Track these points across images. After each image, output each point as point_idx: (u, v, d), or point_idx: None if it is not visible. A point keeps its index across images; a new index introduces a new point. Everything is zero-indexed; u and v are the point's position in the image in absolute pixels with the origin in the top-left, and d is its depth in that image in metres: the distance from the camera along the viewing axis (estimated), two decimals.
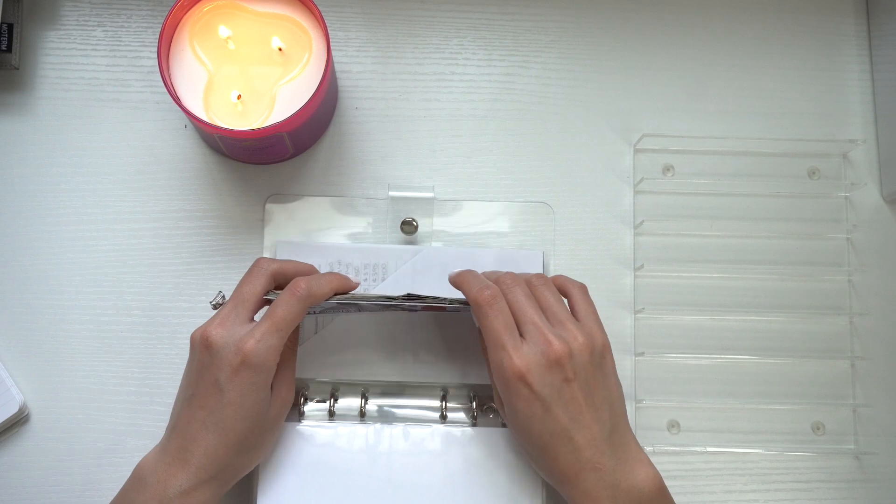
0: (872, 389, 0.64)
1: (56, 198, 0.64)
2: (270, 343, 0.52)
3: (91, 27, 0.67)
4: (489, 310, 0.53)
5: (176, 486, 0.50)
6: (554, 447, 0.51)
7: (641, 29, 0.69)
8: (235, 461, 0.52)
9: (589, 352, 0.52)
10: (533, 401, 0.51)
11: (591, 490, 0.51)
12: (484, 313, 0.53)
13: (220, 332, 0.52)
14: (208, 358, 0.52)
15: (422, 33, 0.68)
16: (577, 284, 0.57)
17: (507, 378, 0.51)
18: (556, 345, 0.51)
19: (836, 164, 0.67)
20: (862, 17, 0.70)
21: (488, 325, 0.52)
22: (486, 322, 0.53)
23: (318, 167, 0.65)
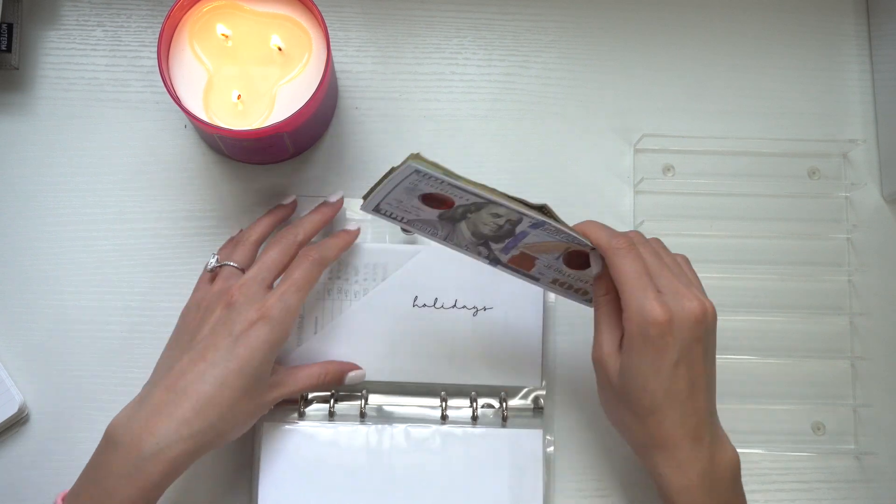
0: (872, 389, 0.64)
1: (56, 198, 0.64)
2: (290, 301, 0.53)
3: (91, 27, 0.67)
4: (628, 253, 0.51)
5: (152, 442, 0.49)
6: (664, 409, 0.50)
7: (641, 29, 0.69)
8: (217, 424, 0.51)
9: (713, 319, 0.51)
10: (665, 353, 0.49)
11: (685, 461, 0.50)
12: (622, 256, 0.51)
13: (243, 292, 0.54)
14: (226, 315, 0.53)
15: (422, 33, 0.68)
16: (682, 257, 0.56)
17: (647, 323, 0.49)
18: (695, 302, 0.50)
19: (836, 164, 0.67)
20: (862, 17, 0.70)
21: (627, 269, 0.51)
22: (624, 266, 0.51)
23: (318, 167, 0.65)
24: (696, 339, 0.50)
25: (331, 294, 0.62)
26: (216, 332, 0.53)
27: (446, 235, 0.54)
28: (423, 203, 0.52)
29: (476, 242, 0.54)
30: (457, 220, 0.53)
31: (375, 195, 0.51)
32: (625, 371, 0.51)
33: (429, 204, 0.52)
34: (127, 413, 0.51)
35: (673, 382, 0.50)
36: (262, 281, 0.55)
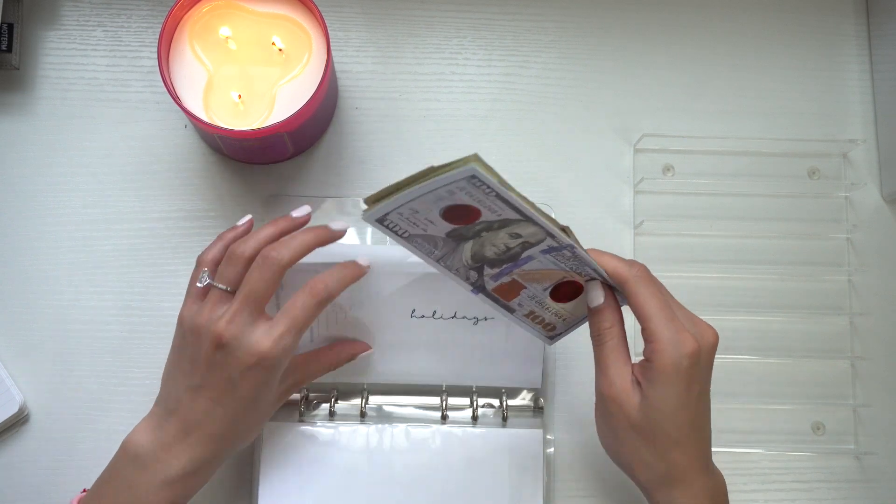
0: (872, 389, 0.64)
1: (56, 198, 0.64)
2: (286, 344, 0.51)
3: (91, 27, 0.67)
4: (650, 282, 0.50)
5: (178, 467, 0.51)
6: (690, 439, 0.49)
7: (641, 29, 0.69)
8: (233, 444, 0.53)
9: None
10: (693, 383, 0.49)
11: (700, 491, 0.50)
12: (646, 285, 0.50)
13: (232, 331, 0.50)
14: (221, 357, 0.50)
15: (422, 33, 0.68)
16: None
17: (682, 355, 0.48)
18: (710, 330, 0.50)
19: (836, 164, 0.67)
20: (862, 17, 0.70)
21: (652, 298, 0.49)
22: (649, 296, 0.49)
23: (318, 167, 0.65)
24: (711, 365, 0.50)
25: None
26: (213, 371, 0.51)
27: (442, 255, 0.50)
28: (443, 216, 0.47)
29: (470, 266, 0.51)
30: (466, 238, 0.49)
31: (391, 202, 0.45)
32: (650, 404, 0.49)
33: (448, 218, 0.47)
34: (148, 436, 0.52)
35: (697, 412, 0.50)
36: (252, 314, 0.51)
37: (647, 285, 0.50)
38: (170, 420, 0.52)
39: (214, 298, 0.52)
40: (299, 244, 0.52)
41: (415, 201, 0.45)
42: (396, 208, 0.45)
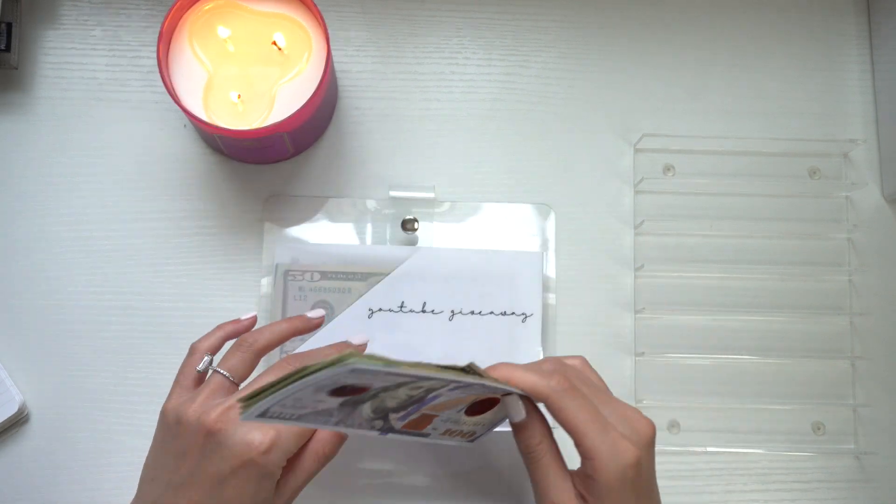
0: (873, 389, 0.64)
1: (55, 197, 0.64)
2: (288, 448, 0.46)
3: (90, 26, 0.66)
4: (575, 393, 0.45)
5: None
6: None
7: (642, 29, 0.69)
8: None
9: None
10: (641, 487, 0.45)
11: None
12: (570, 398, 0.45)
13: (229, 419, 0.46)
14: (211, 449, 0.46)
15: (422, 33, 0.68)
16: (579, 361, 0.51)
17: (625, 467, 0.44)
18: (645, 421, 0.46)
19: (837, 164, 0.67)
20: (862, 16, 0.70)
21: (579, 412, 0.45)
22: (574, 408, 0.45)
23: (318, 167, 0.65)
24: (653, 458, 0.47)
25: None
26: (201, 466, 0.46)
27: (339, 420, 0.45)
28: (331, 395, 0.42)
29: (374, 418, 0.46)
30: (363, 401, 0.44)
31: (266, 401, 0.40)
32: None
33: (338, 394, 0.43)
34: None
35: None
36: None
37: (571, 397, 0.45)
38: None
39: (213, 386, 0.48)
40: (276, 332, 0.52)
41: (293, 395, 0.41)
42: (275, 403, 0.41)
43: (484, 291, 0.62)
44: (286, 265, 0.62)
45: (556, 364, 0.48)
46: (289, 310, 0.61)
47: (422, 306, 0.61)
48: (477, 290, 0.62)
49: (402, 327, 0.61)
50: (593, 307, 0.64)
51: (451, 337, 0.61)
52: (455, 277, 0.62)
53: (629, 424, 0.46)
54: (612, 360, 0.64)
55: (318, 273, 0.62)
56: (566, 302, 0.64)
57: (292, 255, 0.62)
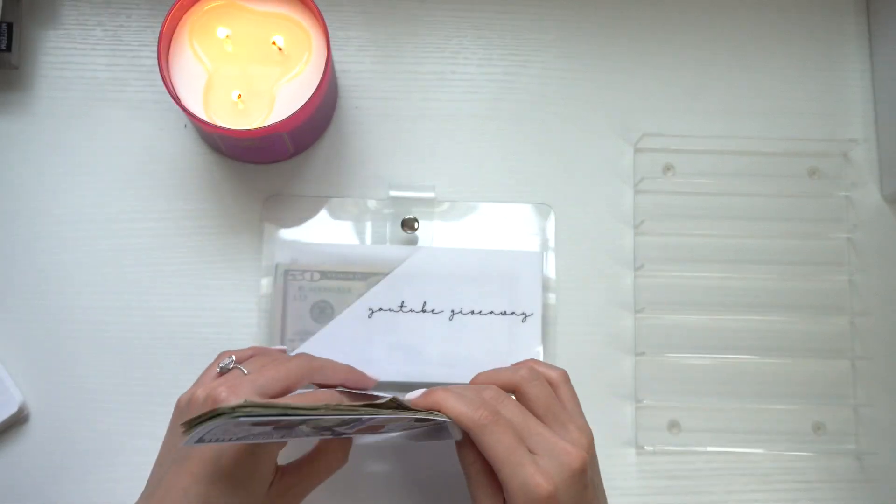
0: (873, 389, 0.64)
1: (56, 197, 0.64)
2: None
3: (91, 26, 0.66)
4: (495, 427, 0.47)
5: None
6: None
7: (642, 29, 0.69)
8: None
9: (593, 451, 0.49)
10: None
11: None
12: (490, 433, 0.46)
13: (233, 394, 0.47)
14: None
15: (422, 33, 0.68)
16: (558, 373, 0.53)
17: (535, 499, 0.45)
18: (574, 452, 0.47)
19: (837, 164, 0.67)
20: (862, 16, 0.70)
21: (497, 446, 0.46)
22: (492, 443, 0.46)
23: (318, 167, 0.65)
24: (584, 486, 0.47)
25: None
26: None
27: (283, 435, 0.46)
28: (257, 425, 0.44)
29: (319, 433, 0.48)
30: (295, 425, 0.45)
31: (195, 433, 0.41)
32: None
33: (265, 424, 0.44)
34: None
35: None
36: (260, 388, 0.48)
37: (491, 432, 0.46)
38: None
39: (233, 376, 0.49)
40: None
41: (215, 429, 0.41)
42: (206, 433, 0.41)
43: (484, 291, 0.62)
44: (286, 265, 0.62)
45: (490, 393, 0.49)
46: (289, 309, 0.61)
47: (422, 306, 0.61)
48: (477, 290, 0.62)
49: (402, 327, 0.61)
50: (593, 307, 0.64)
51: (451, 337, 0.61)
52: (455, 277, 0.62)
53: (554, 456, 0.47)
54: (612, 360, 0.64)
55: (318, 273, 0.62)
56: (566, 302, 0.64)
57: (292, 254, 0.62)
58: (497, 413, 0.47)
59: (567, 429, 0.49)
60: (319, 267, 0.62)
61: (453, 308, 0.61)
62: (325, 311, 0.61)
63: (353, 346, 0.61)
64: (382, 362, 0.61)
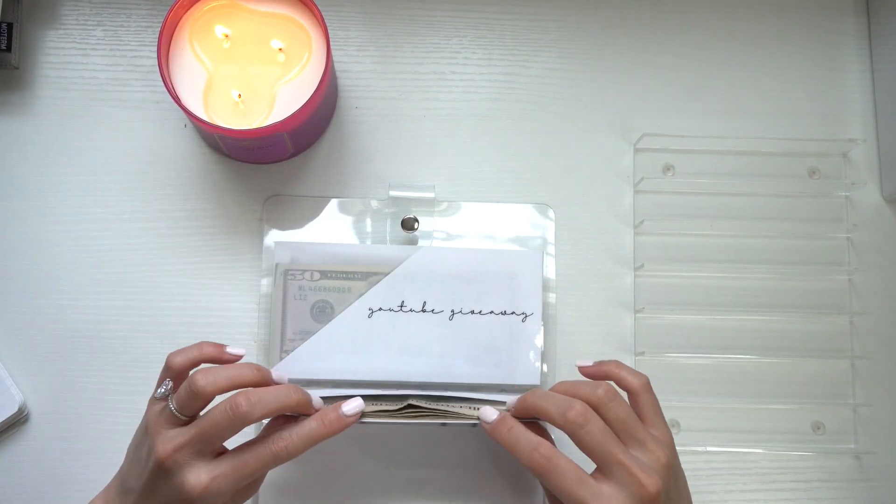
0: (872, 389, 0.64)
1: (56, 197, 0.64)
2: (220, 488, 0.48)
3: (91, 26, 0.66)
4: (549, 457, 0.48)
5: None
6: None
7: (641, 28, 0.69)
8: None
9: (670, 469, 0.49)
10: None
11: None
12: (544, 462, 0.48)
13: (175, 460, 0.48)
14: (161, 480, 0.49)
15: (422, 33, 0.68)
16: (639, 379, 0.53)
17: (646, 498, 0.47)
18: (649, 482, 0.47)
19: (837, 164, 0.67)
20: (862, 16, 0.70)
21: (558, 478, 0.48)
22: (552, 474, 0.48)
23: (318, 167, 0.65)
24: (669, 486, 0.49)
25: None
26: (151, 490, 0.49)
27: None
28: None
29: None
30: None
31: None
32: None
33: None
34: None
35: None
36: (199, 452, 0.49)
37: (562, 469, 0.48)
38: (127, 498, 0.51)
39: (169, 415, 0.50)
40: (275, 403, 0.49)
41: None
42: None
43: (484, 291, 0.62)
44: (286, 264, 0.62)
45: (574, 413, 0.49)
46: (289, 309, 0.61)
47: (422, 306, 0.61)
48: (477, 290, 0.62)
49: (402, 327, 0.61)
50: (593, 307, 0.64)
51: (451, 336, 0.61)
52: (455, 277, 0.62)
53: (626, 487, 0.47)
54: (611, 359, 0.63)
55: (318, 272, 0.62)
56: (566, 301, 0.64)
57: (292, 254, 0.62)
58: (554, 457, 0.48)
59: (645, 447, 0.49)
60: (319, 267, 0.62)
61: (453, 308, 0.61)
62: (325, 310, 0.61)
63: (353, 345, 0.61)
64: (382, 362, 0.61)
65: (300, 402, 0.51)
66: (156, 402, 0.51)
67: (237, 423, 0.48)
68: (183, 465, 0.48)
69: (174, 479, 0.48)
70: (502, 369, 0.61)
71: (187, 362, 0.52)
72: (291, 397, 0.50)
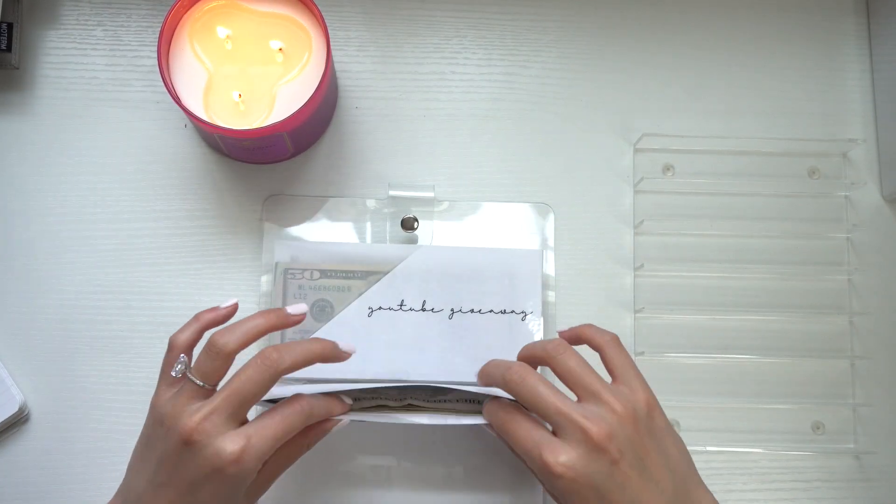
0: (872, 389, 0.64)
1: (56, 197, 0.64)
2: (261, 450, 0.46)
3: (91, 26, 0.66)
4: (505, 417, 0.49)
5: None
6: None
7: (641, 28, 0.69)
8: None
9: (633, 420, 0.47)
10: (586, 495, 0.46)
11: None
12: (501, 422, 0.49)
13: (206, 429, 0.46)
14: (188, 456, 0.46)
15: (422, 33, 0.68)
16: (606, 336, 0.52)
17: (553, 481, 0.46)
18: (594, 429, 0.46)
19: (836, 164, 0.67)
20: (862, 16, 0.70)
21: (511, 435, 0.48)
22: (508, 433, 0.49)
23: (318, 167, 0.65)
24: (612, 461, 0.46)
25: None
26: (178, 470, 0.46)
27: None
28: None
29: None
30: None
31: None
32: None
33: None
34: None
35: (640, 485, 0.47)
36: (230, 417, 0.46)
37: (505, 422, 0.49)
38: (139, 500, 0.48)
39: (189, 391, 0.48)
40: (304, 352, 0.48)
41: None
42: None
43: (483, 289, 0.62)
44: (286, 264, 0.62)
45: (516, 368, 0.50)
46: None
47: (421, 304, 0.61)
48: (476, 289, 0.62)
49: (402, 326, 0.61)
50: (593, 307, 0.64)
51: (451, 335, 0.61)
52: (455, 275, 0.62)
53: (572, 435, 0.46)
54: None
55: (318, 272, 0.62)
56: (566, 301, 0.64)
57: (292, 253, 0.62)
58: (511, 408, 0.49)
59: (598, 397, 0.48)
60: (319, 266, 0.62)
61: (453, 307, 0.62)
62: (324, 309, 0.62)
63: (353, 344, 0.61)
64: (382, 361, 0.61)
65: (325, 349, 0.50)
66: (165, 392, 0.49)
67: (269, 374, 0.47)
68: (214, 435, 0.45)
69: (206, 451, 0.45)
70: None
71: (191, 335, 0.51)
72: (317, 344, 0.49)
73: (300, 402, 0.49)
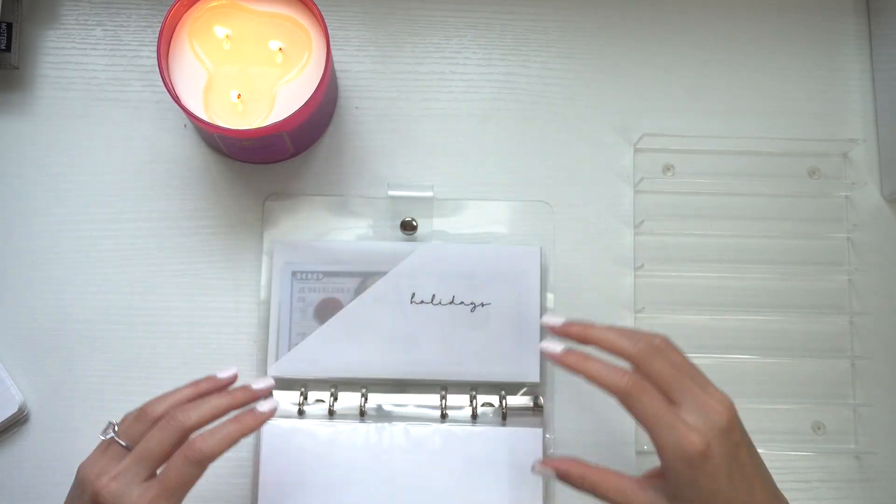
0: (872, 389, 0.64)
1: (56, 197, 0.64)
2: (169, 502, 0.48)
3: (91, 26, 0.66)
4: (640, 394, 0.48)
5: None
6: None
7: (642, 28, 0.69)
8: None
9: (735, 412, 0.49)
10: (717, 473, 0.47)
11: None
12: (636, 399, 0.48)
13: (112, 489, 0.48)
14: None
15: (422, 33, 0.68)
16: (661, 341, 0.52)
17: (689, 457, 0.46)
18: (721, 407, 0.48)
19: (837, 164, 0.67)
20: (862, 16, 0.70)
21: (644, 410, 0.48)
22: (640, 407, 0.48)
23: (318, 167, 0.65)
24: (735, 443, 0.48)
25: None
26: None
27: None
28: None
29: None
30: None
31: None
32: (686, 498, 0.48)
33: None
34: None
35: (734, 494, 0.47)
36: (137, 475, 0.48)
37: (638, 399, 0.49)
38: None
39: (112, 453, 0.50)
40: (210, 408, 0.50)
41: None
42: None
43: (483, 288, 0.62)
44: (286, 264, 0.62)
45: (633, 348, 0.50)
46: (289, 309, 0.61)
47: (420, 302, 0.61)
48: (476, 287, 0.62)
49: (402, 324, 0.61)
50: (593, 307, 0.64)
51: (451, 333, 0.61)
52: (455, 274, 0.62)
53: (701, 412, 0.48)
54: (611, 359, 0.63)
55: (318, 271, 0.62)
56: (566, 301, 0.64)
57: (292, 253, 0.62)
58: (638, 378, 0.49)
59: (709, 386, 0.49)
60: (319, 265, 0.62)
61: (453, 305, 0.62)
62: (325, 309, 0.62)
63: (353, 343, 0.61)
64: (382, 359, 0.61)
65: (234, 401, 0.51)
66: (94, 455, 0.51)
67: (171, 432, 0.49)
68: (120, 494, 0.48)
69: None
70: (502, 366, 0.61)
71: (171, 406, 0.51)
72: (224, 399, 0.51)
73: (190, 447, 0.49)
